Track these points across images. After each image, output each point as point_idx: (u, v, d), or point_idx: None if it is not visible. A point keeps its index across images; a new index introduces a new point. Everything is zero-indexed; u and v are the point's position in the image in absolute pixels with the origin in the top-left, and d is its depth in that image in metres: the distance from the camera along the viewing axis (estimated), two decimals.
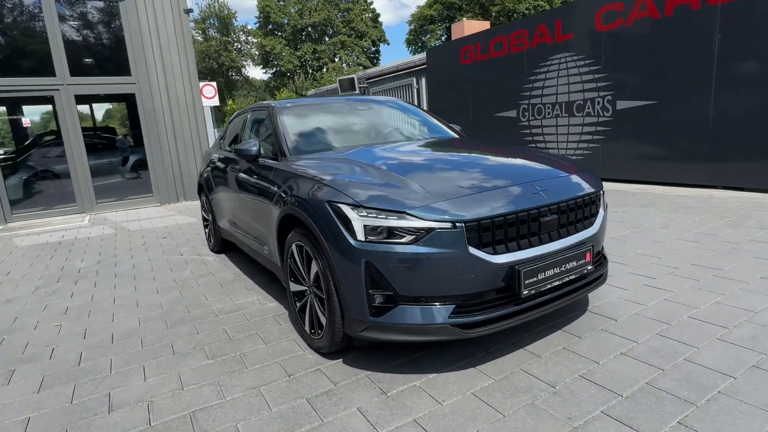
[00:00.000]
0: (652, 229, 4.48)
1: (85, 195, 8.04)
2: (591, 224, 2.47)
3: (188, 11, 8.33)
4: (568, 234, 2.33)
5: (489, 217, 2.07)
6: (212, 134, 9.55)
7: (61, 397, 2.28)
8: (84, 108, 10.03)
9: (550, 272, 2.19)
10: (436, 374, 2.25)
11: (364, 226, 2.08)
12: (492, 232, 2.08)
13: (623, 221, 4.88)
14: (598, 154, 7.65)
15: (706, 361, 2.17)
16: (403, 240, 2.04)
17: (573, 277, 2.31)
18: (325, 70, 38.05)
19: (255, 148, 3.16)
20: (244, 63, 54.92)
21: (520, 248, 2.15)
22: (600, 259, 2.62)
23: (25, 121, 8.13)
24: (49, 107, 8.63)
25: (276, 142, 3.19)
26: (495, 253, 2.09)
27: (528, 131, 8.80)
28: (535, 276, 2.14)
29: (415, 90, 11.61)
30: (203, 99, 9.26)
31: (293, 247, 2.58)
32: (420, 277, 2.04)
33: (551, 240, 2.25)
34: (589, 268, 2.39)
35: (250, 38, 48.41)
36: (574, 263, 2.29)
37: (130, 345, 2.82)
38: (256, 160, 3.22)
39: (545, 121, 8.42)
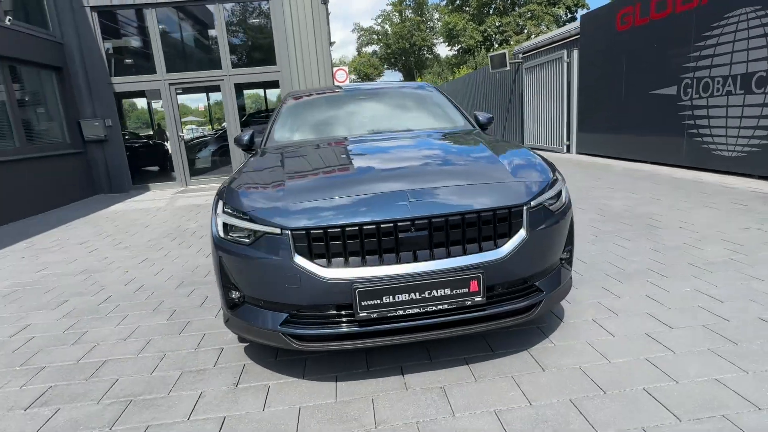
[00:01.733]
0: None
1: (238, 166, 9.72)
2: (495, 247, 1.99)
3: (325, 2, 9.05)
4: (448, 255, 1.94)
5: (322, 227, 1.89)
6: None
7: (62, 327, 3.03)
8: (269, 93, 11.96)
9: (402, 297, 1.88)
10: (296, 379, 2.20)
11: (223, 223, 2.15)
12: (326, 244, 1.90)
13: (736, 242, 3.58)
14: None
15: None
16: (245, 241, 2.04)
17: (445, 307, 1.93)
18: (510, 43, 36.07)
19: (246, 137, 3.43)
20: (434, 41, 56.23)
21: (365, 264, 1.90)
22: (521, 292, 2.09)
23: (201, 106, 10.24)
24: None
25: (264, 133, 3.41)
26: (329, 266, 1.90)
27: (689, 113, 6.95)
28: (378, 298, 1.87)
29: (565, 65, 10.22)
30: (335, 83, 10.02)
31: None
32: (255, 280, 2.02)
33: (416, 260, 1.92)
34: (478, 299, 1.94)
35: (441, 16, 49.06)
36: (447, 291, 1.91)
37: (140, 296, 3.50)
38: (249, 149, 3.50)
39: (712, 101, 6.51)
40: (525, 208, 2.04)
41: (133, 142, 11.62)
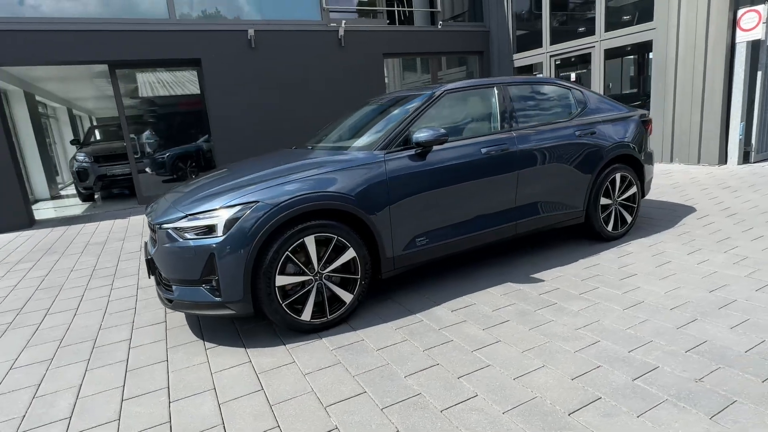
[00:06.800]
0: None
1: None
2: None
3: None
4: None
5: None
6: (741, 81, 6.62)
7: None
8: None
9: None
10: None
11: None
12: None
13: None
14: None
15: None
16: None
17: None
18: None
19: None
20: None
21: None
22: (167, 285, 2.82)
23: (573, 77, 9.55)
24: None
25: None
26: None
27: None
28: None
29: None
30: (738, 32, 6.55)
31: None
32: None
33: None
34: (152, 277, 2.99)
35: None
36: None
37: None
38: None
39: None
40: (156, 227, 2.73)
41: None
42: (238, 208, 2.62)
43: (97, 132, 11.19)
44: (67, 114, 14.78)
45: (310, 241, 2.74)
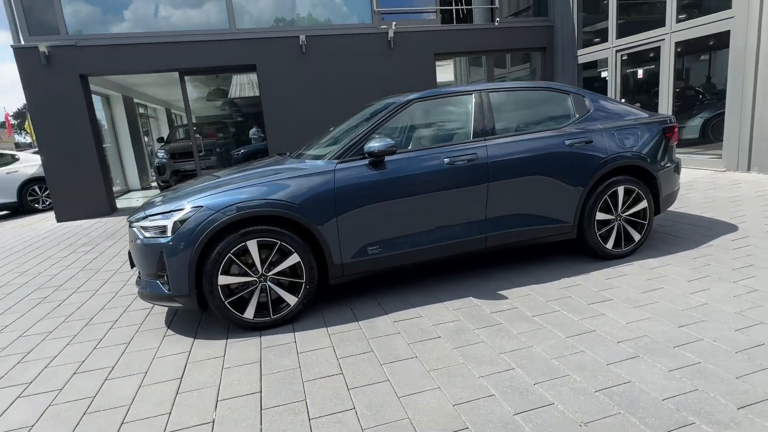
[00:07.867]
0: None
1: None
2: None
3: None
4: None
5: None
6: None
7: None
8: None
9: None
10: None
11: None
12: None
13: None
14: None
15: None
16: None
17: None
18: None
19: None
20: None
21: None
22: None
23: (640, 73, 8.50)
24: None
25: None
26: None
27: None
28: None
29: None
30: None
31: None
32: None
33: None
34: None
35: None
36: None
37: None
38: None
39: None
40: (128, 224, 3.09)
41: None
42: (185, 211, 2.88)
43: (180, 131, 12.54)
44: (165, 114, 16.71)
45: (252, 245, 2.93)
